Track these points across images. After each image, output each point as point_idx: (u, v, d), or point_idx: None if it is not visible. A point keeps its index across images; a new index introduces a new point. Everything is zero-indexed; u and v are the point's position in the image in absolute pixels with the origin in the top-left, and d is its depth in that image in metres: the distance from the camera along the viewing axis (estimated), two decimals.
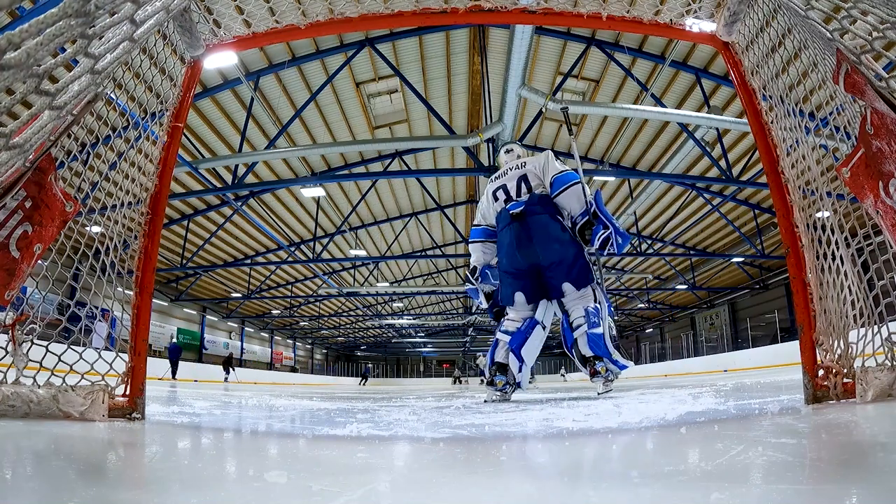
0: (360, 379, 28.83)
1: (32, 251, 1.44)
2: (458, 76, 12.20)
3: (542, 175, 3.41)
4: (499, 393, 3.10)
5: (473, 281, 3.72)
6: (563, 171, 3.38)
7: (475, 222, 3.72)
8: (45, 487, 0.73)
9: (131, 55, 1.65)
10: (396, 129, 13.87)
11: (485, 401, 3.02)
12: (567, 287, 3.16)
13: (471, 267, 3.77)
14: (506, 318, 3.29)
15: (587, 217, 3.23)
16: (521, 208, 3.28)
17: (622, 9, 2.19)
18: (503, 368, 3.11)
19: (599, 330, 3.08)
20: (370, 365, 32.29)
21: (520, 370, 3.07)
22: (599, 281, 3.36)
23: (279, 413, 2.51)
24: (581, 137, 14.37)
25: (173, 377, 17.89)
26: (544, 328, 3.23)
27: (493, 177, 3.63)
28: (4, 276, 1.38)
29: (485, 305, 3.72)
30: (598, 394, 3.06)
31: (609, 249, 3.20)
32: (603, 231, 3.19)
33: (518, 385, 3.14)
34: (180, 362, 18.61)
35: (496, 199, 3.50)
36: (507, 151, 3.74)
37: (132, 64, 1.72)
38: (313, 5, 2.15)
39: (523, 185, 3.39)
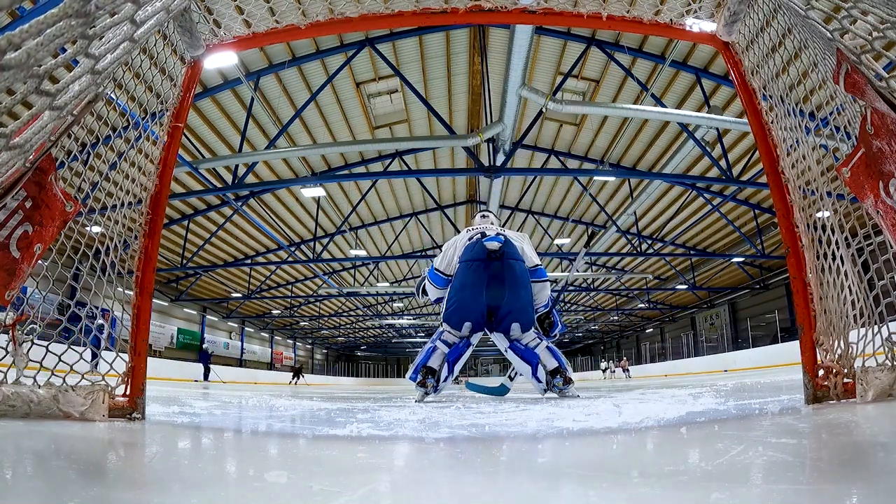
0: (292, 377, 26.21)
1: (33, 251, 1.44)
2: (458, 76, 12.20)
3: (524, 250, 3.68)
4: (426, 394, 3.41)
5: (421, 295, 4.10)
6: (541, 265, 3.83)
7: (439, 268, 3.81)
8: (45, 487, 0.73)
9: (131, 55, 1.65)
10: (396, 129, 13.87)
11: (415, 400, 3.36)
12: (515, 326, 3.51)
13: (424, 296, 4.04)
14: (445, 330, 3.55)
15: (545, 310, 4.08)
16: (500, 246, 3.49)
17: (622, 9, 2.18)
18: (432, 372, 3.42)
19: (551, 344, 3.54)
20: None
21: (445, 379, 3.44)
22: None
23: (279, 413, 2.51)
24: (581, 137, 14.37)
25: (205, 379, 18.45)
26: (473, 347, 3.64)
27: (469, 228, 3.89)
28: (5, 276, 1.38)
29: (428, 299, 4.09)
30: (573, 396, 3.32)
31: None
32: (558, 327, 4.46)
33: (438, 390, 3.48)
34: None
35: (471, 240, 3.66)
36: (483, 216, 4.08)
37: (132, 64, 1.72)
38: (313, 5, 2.14)
39: (500, 236, 3.62)
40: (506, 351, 3.62)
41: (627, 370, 26.34)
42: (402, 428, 1.56)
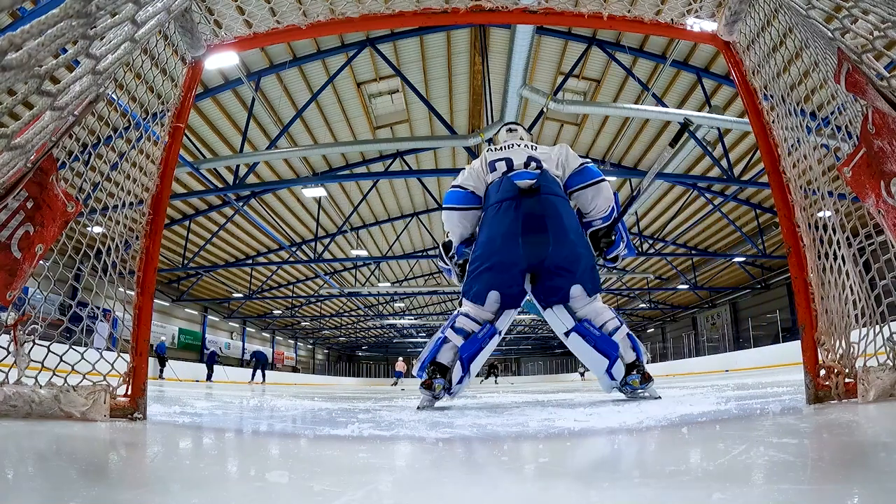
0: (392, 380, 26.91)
1: (34, 251, 1.45)
2: (459, 76, 12.20)
3: (563, 162, 2.87)
4: (434, 398, 2.60)
5: (448, 260, 3.06)
6: (589, 163, 2.88)
7: (457, 183, 2.93)
8: (46, 487, 0.73)
9: (132, 56, 1.66)
10: (397, 129, 13.88)
11: (418, 408, 2.55)
12: (576, 290, 2.61)
13: (445, 241, 3.07)
14: (461, 313, 2.69)
15: (607, 223, 2.83)
16: (534, 181, 2.69)
17: (623, 8, 2.18)
18: (444, 371, 2.59)
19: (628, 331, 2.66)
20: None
21: (460, 381, 2.57)
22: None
23: (280, 413, 2.51)
24: (582, 137, 14.36)
25: (208, 380, 18.71)
26: (500, 336, 2.69)
27: (491, 148, 3.00)
28: (6, 276, 1.38)
29: (458, 282, 3.06)
30: (653, 397, 2.57)
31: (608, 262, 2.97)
32: (621, 246, 2.89)
33: (451, 394, 2.63)
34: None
35: (494, 169, 2.85)
36: (511, 130, 3.17)
37: (133, 64, 1.73)
38: (314, 6, 2.15)
39: (533, 163, 2.81)
40: (566, 336, 2.60)
41: None
42: (404, 428, 1.56)
